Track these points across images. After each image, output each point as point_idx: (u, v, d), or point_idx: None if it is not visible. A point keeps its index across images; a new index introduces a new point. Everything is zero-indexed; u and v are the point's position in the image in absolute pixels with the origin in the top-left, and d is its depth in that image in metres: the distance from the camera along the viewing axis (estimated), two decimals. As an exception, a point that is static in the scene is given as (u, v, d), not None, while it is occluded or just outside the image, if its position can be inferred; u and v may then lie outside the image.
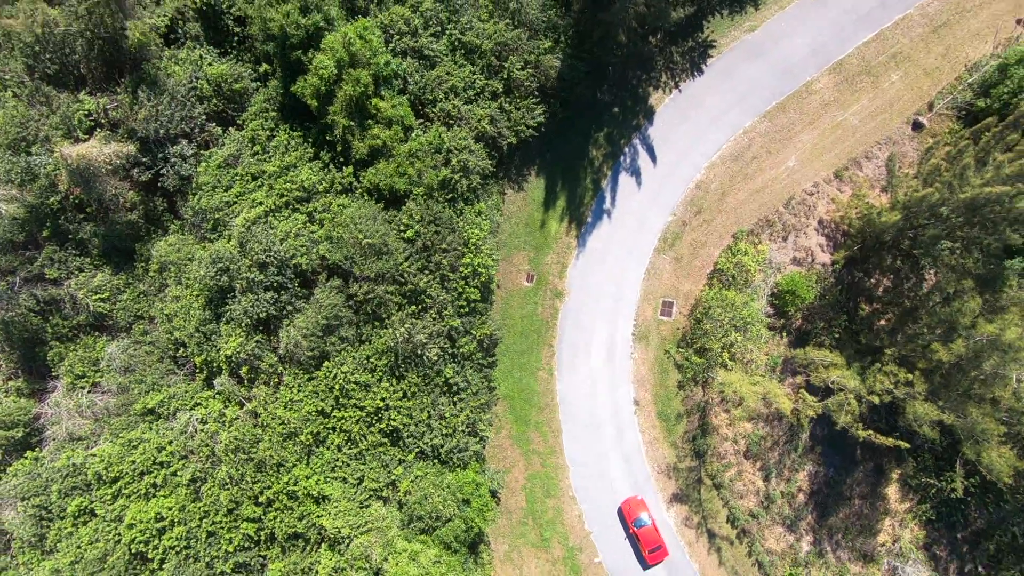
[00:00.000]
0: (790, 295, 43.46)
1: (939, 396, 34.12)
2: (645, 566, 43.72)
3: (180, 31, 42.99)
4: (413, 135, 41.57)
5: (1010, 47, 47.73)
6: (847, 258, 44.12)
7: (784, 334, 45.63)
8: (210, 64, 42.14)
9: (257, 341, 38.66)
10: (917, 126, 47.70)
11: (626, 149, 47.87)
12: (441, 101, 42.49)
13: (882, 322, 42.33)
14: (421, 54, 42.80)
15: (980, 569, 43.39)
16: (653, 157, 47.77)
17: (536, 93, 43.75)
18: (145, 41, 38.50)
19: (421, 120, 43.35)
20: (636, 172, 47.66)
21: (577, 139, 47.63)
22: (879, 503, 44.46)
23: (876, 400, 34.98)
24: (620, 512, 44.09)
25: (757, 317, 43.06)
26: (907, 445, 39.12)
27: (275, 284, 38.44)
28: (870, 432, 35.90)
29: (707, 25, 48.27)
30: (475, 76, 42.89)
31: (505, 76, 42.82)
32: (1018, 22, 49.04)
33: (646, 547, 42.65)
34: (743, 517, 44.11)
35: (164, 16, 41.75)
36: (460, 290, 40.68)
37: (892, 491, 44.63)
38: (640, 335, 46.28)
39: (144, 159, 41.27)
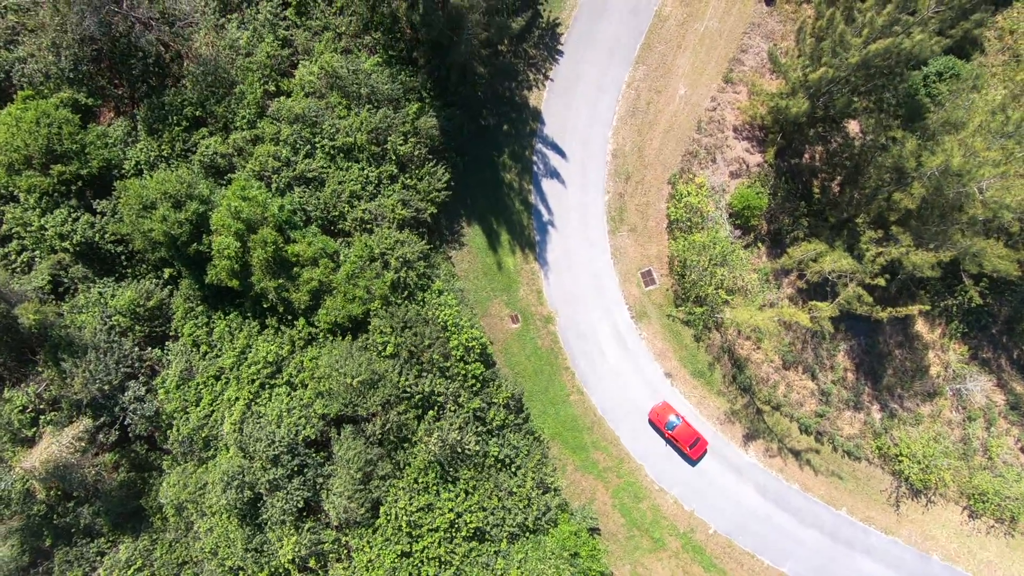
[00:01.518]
0: (747, 210, 44.13)
1: (924, 238, 35.26)
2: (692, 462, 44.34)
3: (66, 281, 40.55)
4: (342, 258, 40.32)
5: None
6: (776, 151, 44.96)
7: (760, 244, 46.42)
8: (113, 296, 39.94)
9: (309, 528, 37.30)
10: (769, 2, 48.69)
11: (534, 158, 47.53)
12: (349, 211, 41.28)
13: (835, 188, 43.48)
14: (305, 179, 41.41)
15: (1024, 348, 45.61)
16: (561, 152, 47.57)
17: (430, 156, 42.91)
18: (41, 317, 36.11)
19: (340, 239, 42.10)
20: (554, 173, 47.41)
21: (487, 173, 47.03)
22: (916, 343, 46.05)
23: (883, 282, 35.96)
24: (651, 423, 44.71)
25: (728, 246, 43.65)
26: (928, 307, 40.49)
27: (295, 468, 37.04)
28: (889, 309, 36.96)
29: (543, 8, 48.01)
30: (366, 171, 41.77)
31: (393, 156, 41.83)
32: None
33: (685, 444, 43.49)
34: (812, 421, 45.14)
35: (43, 278, 39.24)
36: (463, 372, 39.95)
37: (921, 327, 46.25)
38: (639, 314, 46.45)
39: (102, 420, 39.02)
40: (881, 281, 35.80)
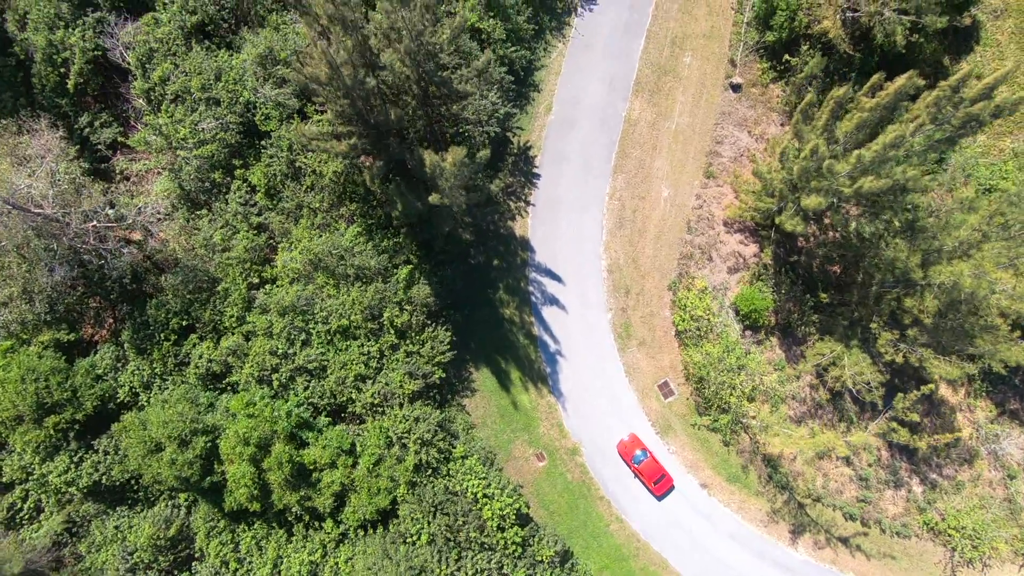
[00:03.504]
0: (754, 312, 43.51)
1: (942, 337, 34.76)
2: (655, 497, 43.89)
3: (78, 519, 39.01)
4: (359, 449, 39.13)
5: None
6: (773, 248, 44.42)
7: (771, 337, 45.81)
8: (131, 528, 38.44)
9: None
10: (735, 88, 48.18)
11: (530, 288, 46.62)
12: (357, 396, 40.07)
13: (839, 279, 42.99)
14: (307, 370, 40.18)
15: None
16: (556, 277, 46.69)
17: (428, 321, 41.85)
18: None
19: (352, 423, 40.90)
20: (553, 300, 46.52)
21: (485, 313, 46.04)
22: (942, 408, 45.65)
23: (916, 417, 35.47)
24: (619, 455, 44.26)
25: (743, 352, 43.03)
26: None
27: None
28: (927, 438, 36.72)
29: (513, 134, 47.16)
30: (365, 347, 40.62)
31: (391, 328, 40.71)
32: (744, -57, 49.95)
33: (650, 480, 43.19)
34: (855, 509, 44.53)
35: (46, 537, 37.67)
36: (502, 542, 38.89)
37: (944, 391, 45.83)
38: (663, 429, 45.62)
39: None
40: (915, 416, 35.30)
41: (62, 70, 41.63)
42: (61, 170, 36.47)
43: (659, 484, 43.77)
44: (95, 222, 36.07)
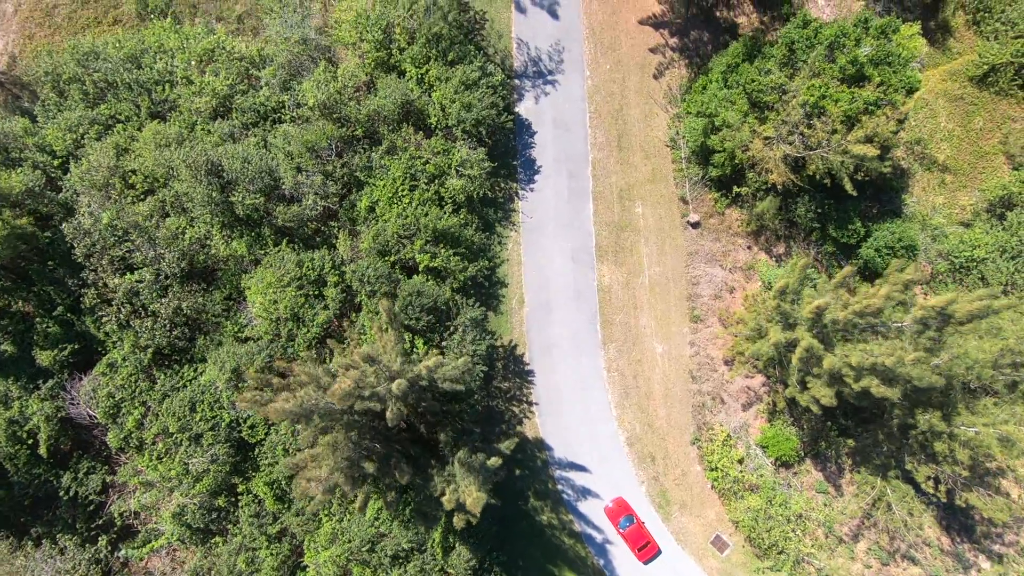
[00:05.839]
0: (782, 456, 43.35)
1: (980, 468, 34.89)
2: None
3: None
4: None
5: (677, 108, 48.38)
6: (781, 388, 44.24)
7: (805, 462, 45.55)
8: None
9: None
10: (695, 225, 47.91)
11: (559, 486, 45.83)
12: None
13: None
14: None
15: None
16: (580, 467, 45.95)
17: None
18: None
19: None
20: (585, 491, 45.74)
21: (522, 526, 44.99)
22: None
23: None
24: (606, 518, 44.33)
25: (784, 498, 42.88)
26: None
27: None
28: None
29: (495, 338, 46.15)
30: (423, 623, 39.52)
31: (441, 596, 39.72)
32: (655, 77, 49.62)
33: (634, 546, 43.41)
34: (936, 605, 44.75)
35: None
36: None
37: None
38: (729, 584, 45.34)
39: None
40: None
41: (30, 442, 39.85)
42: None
43: (644, 550, 43.71)
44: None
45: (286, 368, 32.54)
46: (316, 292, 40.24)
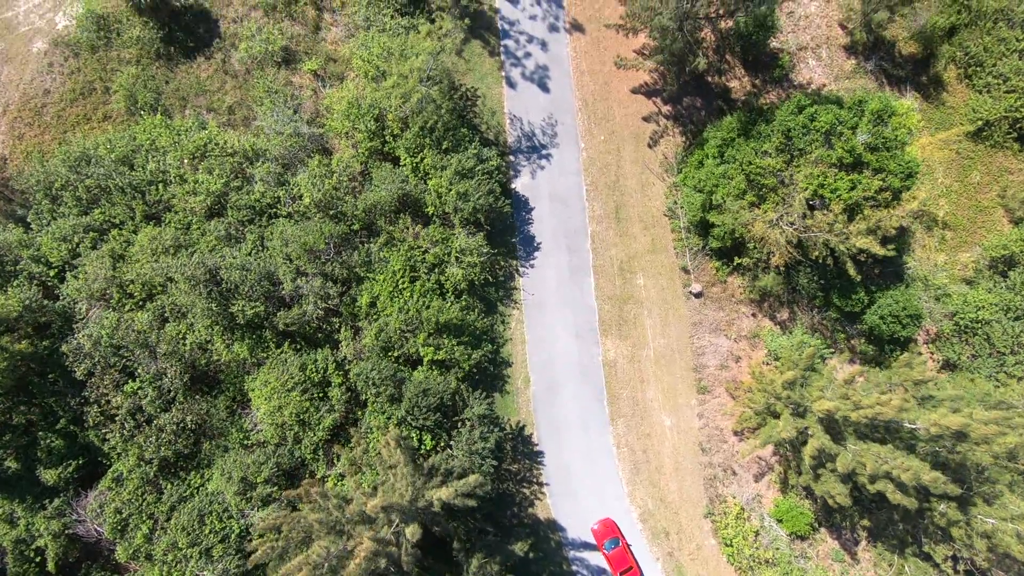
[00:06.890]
0: (797, 529, 43.05)
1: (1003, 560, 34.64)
2: None
3: None
4: None
5: (673, 177, 48.20)
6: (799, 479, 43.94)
7: (820, 531, 45.27)
8: None
9: None
10: (697, 295, 47.68)
11: (574, 568, 45.28)
12: None
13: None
14: None
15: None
16: (592, 546, 45.34)
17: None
18: None
19: None
20: (599, 572, 45.37)
21: (540, 611, 44.75)
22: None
23: None
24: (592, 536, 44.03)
25: (803, 575, 42.55)
26: None
27: None
28: None
29: (502, 419, 45.76)
30: None
31: None
32: (650, 146, 49.48)
33: (616, 569, 42.95)
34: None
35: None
36: None
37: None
38: (750, 659, 44.94)
39: None
40: None
41: (38, 560, 39.36)
42: None
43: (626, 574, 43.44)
44: None
45: (295, 497, 32.16)
46: (321, 394, 39.90)
